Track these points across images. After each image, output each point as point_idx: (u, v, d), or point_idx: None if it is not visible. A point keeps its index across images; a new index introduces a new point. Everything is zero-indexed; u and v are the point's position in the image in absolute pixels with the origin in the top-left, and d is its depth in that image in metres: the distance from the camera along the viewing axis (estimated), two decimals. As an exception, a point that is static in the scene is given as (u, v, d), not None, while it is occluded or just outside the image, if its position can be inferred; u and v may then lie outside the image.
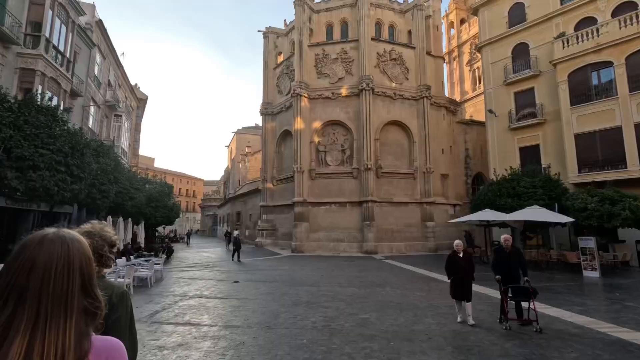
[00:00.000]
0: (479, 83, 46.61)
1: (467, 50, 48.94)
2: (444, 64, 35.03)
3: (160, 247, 19.47)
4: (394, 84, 27.63)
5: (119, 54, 28.89)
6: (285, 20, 34.02)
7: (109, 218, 16.19)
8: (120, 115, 28.37)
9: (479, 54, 46.37)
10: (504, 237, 7.43)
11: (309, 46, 28.19)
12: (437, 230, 26.58)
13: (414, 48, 28.72)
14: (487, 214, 16.83)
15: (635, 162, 18.14)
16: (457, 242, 7.54)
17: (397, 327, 6.74)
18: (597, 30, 19.93)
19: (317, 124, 27.24)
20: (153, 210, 22.44)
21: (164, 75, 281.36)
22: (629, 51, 18.70)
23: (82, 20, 20.11)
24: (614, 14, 20.21)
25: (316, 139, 27.28)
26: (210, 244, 39.08)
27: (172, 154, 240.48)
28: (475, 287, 7.82)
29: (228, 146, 72.77)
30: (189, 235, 36.88)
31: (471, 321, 6.93)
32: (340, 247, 25.36)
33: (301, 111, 26.84)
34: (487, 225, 20.64)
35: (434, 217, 26.71)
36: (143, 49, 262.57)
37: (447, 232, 27.03)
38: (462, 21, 54.72)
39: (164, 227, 47.46)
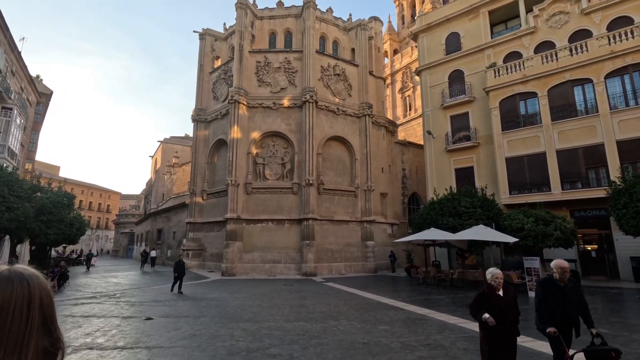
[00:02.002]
0: (410, 110, 49.47)
1: (400, 78, 51.82)
2: (385, 85, 35.78)
3: (49, 272, 15.28)
4: (337, 99, 27.03)
5: (16, 39, 23.86)
6: (225, 24, 31.86)
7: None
8: (11, 109, 23.11)
9: (410, 83, 49.70)
10: (559, 263, 4.40)
11: (250, 52, 26.38)
12: (377, 250, 25.96)
13: (357, 66, 28.69)
14: (434, 233, 16.35)
15: (557, 185, 19.49)
16: (494, 271, 4.45)
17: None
18: (523, 63, 21.62)
19: (255, 134, 25.20)
20: (43, 225, 17.92)
21: (85, 79, 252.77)
22: (550, 84, 20.44)
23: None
24: (537, 50, 22.18)
25: (254, 150, 25.18)
26: (122, 267, 33.59)
27: (86, 164, 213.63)
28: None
29: (152, 157, 66.01)
30: (89, 257, 30.21)
31: None
32: (276, 268, 23.15)
33: (239, 119, 24.63)
34: (426, 244, 20.43)
35: (374, 236, 26.10)
36: (62, 47, 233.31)
37: (386, 252, 26.61)
38: (395, 51, 58.38)
39: (64, 247, 40.08)
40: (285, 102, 25.51)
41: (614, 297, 13.42)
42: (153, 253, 31.20)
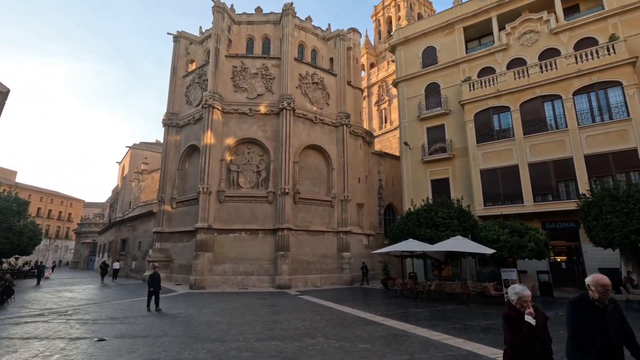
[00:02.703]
0: (385, 122, 50.23)
1: (376, 91, 52.69)
2: (362, 96, 35.94)
3: (-9, 287, 13.64)
4: (315, 108, 26.69)
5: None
6: (200, 27, 31.02)
7: None
8: (-42, 105, 21.06)
9: (386, 96, 50.56)
10: (598, 279, 3.43)
11: (227, 56, 25.66)
12: (352, 261, 25.47)
13: (335, 75, 28.58)
14: (413, 244, 16.06)
15: (530, 198, 19.85)
16: (522, 292, 3.47)
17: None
18: (497, 78, 22.20)
19: (230, 141, 24.32)
20: (-13, 233, 16.14)
21: (54, 81, 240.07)
22: (522, 99, 21.02)
23: None
24: (509, 66, 22.87)
25: (228, 157, 24.25)
26: (80, 279, 31.19)
27: (50, 170, 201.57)
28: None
29: (120, 163, 63.01)
30: (40, 269, 26.92)
31: None
32: (249, 281, 22.10)
33: (213, 125, 23.70)
34: (403, 256, 20.18)
35: (350, 247, 25.62)
36: (28, 46, 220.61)
37: (360, 263, 26.12)
38: (372, 65, 59.51)
39: (16, 258, 36.98)
40: (262, 109, 24.88)
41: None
42: (116, 265, 29.22)
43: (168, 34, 29.85)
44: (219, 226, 22.72)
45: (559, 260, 20.42)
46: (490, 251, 14.60)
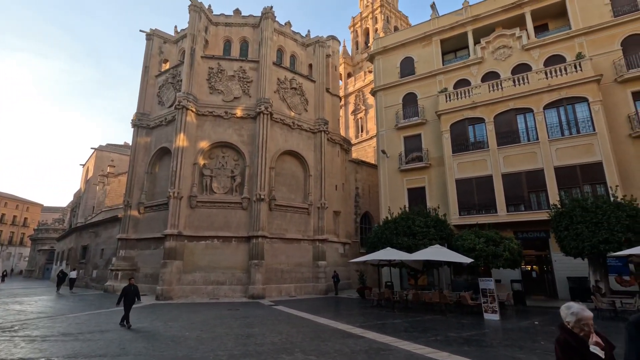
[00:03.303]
0: (361, 132, 50.70)
1: (353, 100, 53.21)
2: (340, 104, 35.95)
3: None
4: (293, 113, 26.27)
5: None
6: (176, 27, 29.98)
7: None
8: None
9: (362, 106, 51.12)
10: None
11: (203, 57, 24.82)
12: (328, 270, 24.97)
13: (314, 81, 28.37)
14: (391, 253, 15.82)
15: (503, 208, 20.26)
16: (581, 313, 2.77)
17: None
18: (472, 90, 22.73)
19: (204, 144, 23.38)
20: None
21: (16, 79, 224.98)
22: (496, 111, 21.59)
23: None
24: (484, 79, 23.51)
25: (201, 161, 23.27)
26: (34, 290, 28.75)
27: (6, 172, 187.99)
28: None
29: (84, 165, 59.57)
30: None
31: None
32: (220, 291, 21.08)
33: (186, 127, 22.71)
34: (380, 265, 19.93)
35: (326, 256, 25.14)
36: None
37: (337, 272, 25.65)
38: (349, 75, 60.22)
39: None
40: (239, 112, 24.16)
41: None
42: (73, 274, 27.14)
43: (141, 31, 28.64)
44: (190, 233, 21.63)
45: (529, 269, 20.92)
46: (468, 260, 14.59)
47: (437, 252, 14.24)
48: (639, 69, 18.91)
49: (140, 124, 26.27)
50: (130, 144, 27.78)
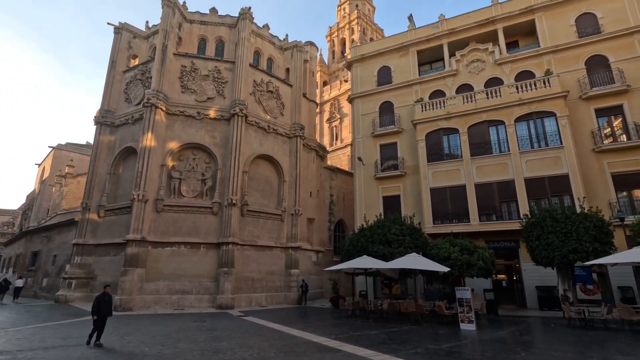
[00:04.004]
0: (336, 140, 50.78)
1: (328, 108, 53.33)
2: (317, 110, 35.69)
3: None
4: (268, 117, 25.62)
5: None
6: (147, 22, 28.62)
7: None
8: None
9: (337, 114, 51.29)
10: None
11: (175, 54, 23.72)
12: (300, 279, 24.23)
13: (291, 86, 27.94)
14: (367, 261, 15.42)
15: (475, 217, 20.52)
16: None
17: None
18: (446, 101, 23.13)
19: (173, 145, 22.19)
20: None
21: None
22: (470, 122, 22.03)
23: None
24: (458, 90, 24.03)
25: (170, 163, 22.04)
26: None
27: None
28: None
29: (39, 165, 55.47)
30: None
31: None
32: (186, 300, 19.80)
33: (154, 126, 21.46)
34: (355, 273, 19.54)
35: (299, 264, 24.43)
36: None
37: (310, 280, 25.01)
38: (325, 83, 60.49)
39: None
40: (212, 113, 23.20)
41: (538, 326, 13.73)
42: (19, 282, 24.69)
43: (108, 24, 27.08)
44: (155, 238, 20.26)
45: (499, 278, 21.23)
46: (445, 269, 14.46)
47: (414, 261, 14.00)
48: (601, 87, 19.95)
49: (104, 121, 24.60)
50: (92, 143, 25.95)
